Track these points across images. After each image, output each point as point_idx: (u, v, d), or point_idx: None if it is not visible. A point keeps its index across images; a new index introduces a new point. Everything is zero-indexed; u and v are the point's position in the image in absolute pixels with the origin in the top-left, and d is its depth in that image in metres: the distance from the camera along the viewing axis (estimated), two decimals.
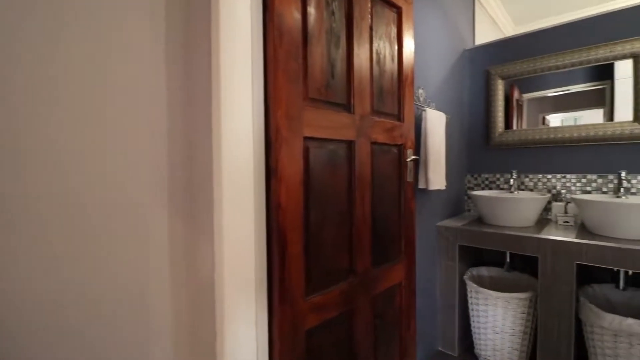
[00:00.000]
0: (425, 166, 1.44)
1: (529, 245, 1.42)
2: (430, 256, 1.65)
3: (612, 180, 1.59)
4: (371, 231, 1.06)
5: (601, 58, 1.60)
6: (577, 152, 1.70)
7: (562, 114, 1.82)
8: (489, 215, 1.64)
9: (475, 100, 2.05)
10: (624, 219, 1.30)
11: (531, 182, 1.83)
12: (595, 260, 1.27)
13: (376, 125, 1.09)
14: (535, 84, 1.88)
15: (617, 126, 1.57)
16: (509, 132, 1.91)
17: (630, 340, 1.22)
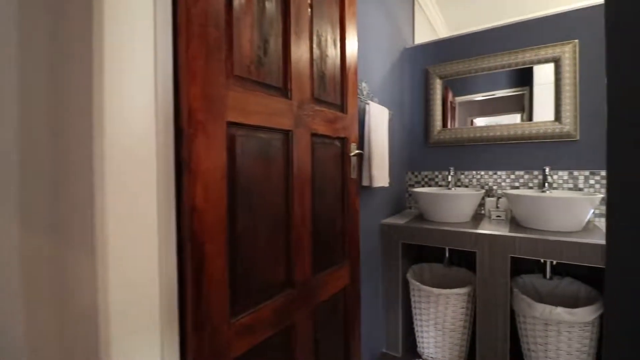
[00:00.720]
0: (369, 162, 1.37)
1: (468, 240, 1.43)
2: (374, 255, 1.60)
3: (537, 176, 1.71)
4: (312, 234, 0.94)
5: (527, 61, 1.71)
6: (506, 150, 1.79)
7: (487, 117, 1.92)
8: (430, 212, 1.64)
9: (415, 98, 2.07)
10: (548, 212, 1.37)
11: (466, 178, 1.90)
12: (528, 252, 1.32)
13: (317, 115, 0.97)
14: (465, 87, 1.95)
15: (540, 125, 1.68)
16: (446, 131, 1.95)
17: (559, 327, 1.29)
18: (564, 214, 1.35)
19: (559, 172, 1.65)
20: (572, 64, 1.59)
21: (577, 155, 1.62)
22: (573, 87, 1.60)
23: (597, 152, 1.58)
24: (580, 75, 1.60)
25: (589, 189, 1.60)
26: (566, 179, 1.64)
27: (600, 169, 1.57)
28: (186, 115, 0.60)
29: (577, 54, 1.59)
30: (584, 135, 1.60)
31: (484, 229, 1.44)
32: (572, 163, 1.63)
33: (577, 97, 1.60)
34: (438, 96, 1.97)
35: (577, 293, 1.47)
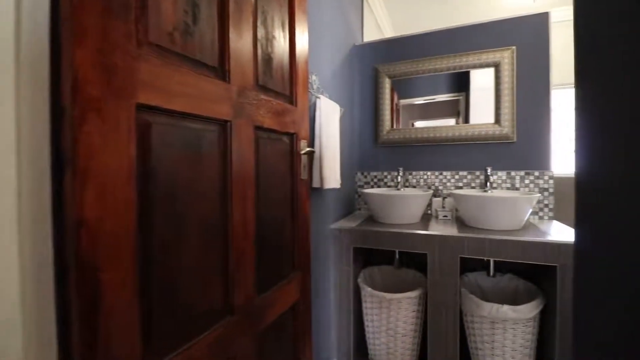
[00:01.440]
0: (320, 162, 1.26)
1: (419, 242, 1.40)
2: (324, 262, 1.49)
3: (479, 176, 1.76)
4: (256, 246, 0.79)
5: (470, 65, 1.75)
6: (451, 150, 1.82)
7: (426, 121, 1.95)
8: (381, 214, 1.59)
9: (364, 96, 2.02)
10: (492, 211, 1.40)
11: (414, 179, 1.90)
12: (476, 252, 1.32)
13: (262, 105, 0.82)
14: (408, 91, 1.96)
15: (482, 127, 1.74)
16: (395, 131, 1.93)
17: (505, 325, 1.31)
18: (507, 213, 1.39)
19: (498, 172, 1.73)
20: (511, 69, 1.67)
21: (514, 156, 1.71)
22: (511, 92, 1.68)
23: (531, 154, 1.67)
24: (517, 81, 1.68)
25: (524, 188, 1.69)
26: (504, 179, 1.72)
27: (534, 169, 1.67)
28: (69, 89, 0.42)
29: (515, 60, 1.67)
30: (520, 138, 1.69)
31: (433, 230, 1.42)
32: (509, 164, 1.71)
33: (514, 101, 1.68)
34: (387, 95, 1.94)
35: (517, 288, 1.53)
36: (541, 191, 1.66)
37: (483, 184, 1.73)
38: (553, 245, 1.22)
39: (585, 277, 0.43)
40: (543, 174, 1.66)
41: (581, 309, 0.43)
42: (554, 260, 1.23)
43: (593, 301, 0.41)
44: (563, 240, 1.22)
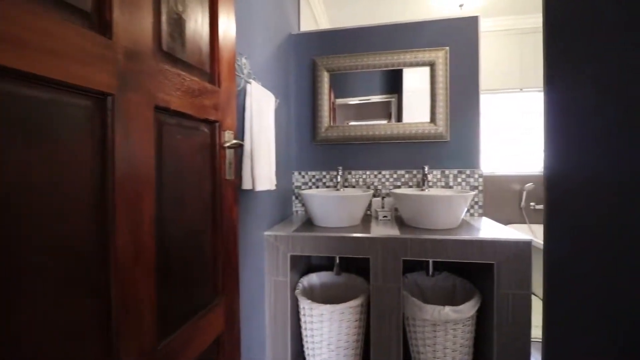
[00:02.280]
0: (251, 159, 1.06)
1: (361, 246, 1.30)
2: (256, 275, 1.30)
3: (416, 175, 1.75)
4: (157, 273, 0.57)
5: (407, 62, 1.73)
6: (389, 149, 1.78)
7: (360, 122, 1.90)
8: (320, 216, 1.46)
9: (301, 89, 1.87)
10: (432, 210, 1.37)
11: (353, 178, 1.81)
12: (418, 254, 1.27)
13: (168, 78, 0.60)
14: (344, 91, 1.88)
15: (419, 126, 1.72)
16: (333, 128, 1.83)
17: (446, 327, 1.28)
18: (445, 212, 1.37)
19: (433, 171, 1.74)
20: (445, 69, 1.69)
21: (448, 155, 1.73)
22: (445, 91, 1.69)
23: (463, 153, 1.71)
24: (450, 81, 1.71)
25: (457, 186, 1.72)
26: (439, 178, 1.74)
27: (465, 168, 1.71)
28: None
29: (448, 61, 1.69)
30: (453, 137, 1.72)
31: (375, 232, 1.34)
32: (444, 162, 1.73)
33: (448, 100, 1.70)
34: (326, 90, 1.82)
35: (454, 287, 1.54)
36: (472, 189, 1.71)
37: (420, 182, 1.73)
38: (490, 243, 1.23)
39: (554, 272, 0.44)
40: (474, 173, 1.71)
41: (552, 300, 0.45)
42: (490, 257, 1.23)
43: (563, 295, 0.43)
44: (499, 238, 1.23)
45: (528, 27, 2.87)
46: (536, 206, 2.89)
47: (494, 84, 2.90)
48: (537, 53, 2.89)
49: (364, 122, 1.84)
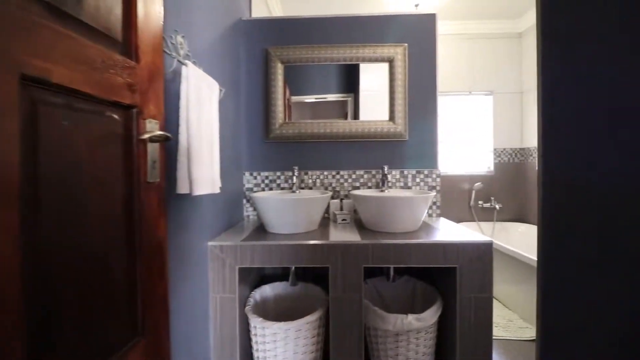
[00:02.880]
0: (188, 157, 0.88)
1: (320, 254, 1.18)
2: (200, 293, 1.11)
3: (375, 175, 1.67)
4: (31, 321, 0.39)
5: (367, 57, 1.65)
6: (347, 147, 1.69)
7: (316, 120, 1.79)
8: (274, 222, 1.30)
9: (253, 81, 1.70)
10: (393, 212, 1.29)
11: (310, 179, 1.69)
12: (381, 260, 1.18)
13: (49, 38, 0.42)
14: (300, 88, 1.75)
15: (378, 124, 1.65)
16: (289, 125, 1.68)
17: (409, 335, 1.21)
18: (407, 214, 1.30)
19: (392, 171, 1.67)
20: (403, 66, 1.63)
21: (407, 155, 1.68)
22: (404, 89, 1.64)
23: (421, 152, 1.68)
24: (408, 79, 1.66)
25: (415, 186, 1.68)
26: (398, 178, 1.68)
27: (423, 167, 1.67)
28: None
29: (407, 57, 1.64)
30: (412, 136, 1.67)
31: (335, 238, 1.23)
32: (403, 162, 1.68)
33: (406, 98, 1.65)
34: (280, 82, 1.67)
35: (414, 291, 1.49)
36: (430, 189, 1.68)
37: (380, 183, 1.65)
38: (453, 246, 1.18)
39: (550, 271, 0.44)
40: (432, 173, 1.68)
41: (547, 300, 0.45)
42: (453, 261, 1.18)
43: (558, 296, 0.44)
44: (462, 241, 1.18)
45: (477, 32, 2.98)
46: (484, 204, 3.01)
47: (443, 86, 2.97)
48: (485, 58, 3.02)
49: (319, 121, 1.72)
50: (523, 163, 3.02)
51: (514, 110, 3.04)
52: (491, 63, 3.02)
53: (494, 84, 3.03)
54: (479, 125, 3.09)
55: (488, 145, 3.08)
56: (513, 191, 3.04)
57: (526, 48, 2.94)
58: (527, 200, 2.98)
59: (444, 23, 2.91)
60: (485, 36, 3.00)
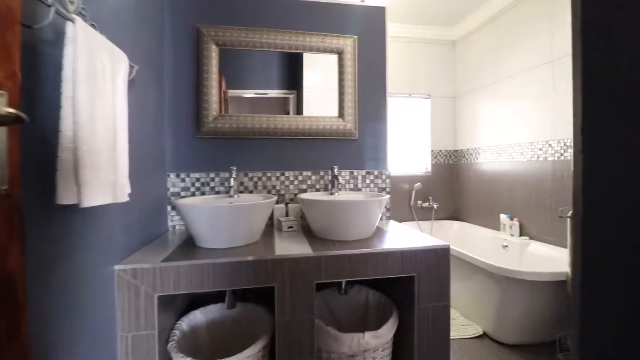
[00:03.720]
0: (74, 152, 0.61)
1: (264, 272, 0.98)
2: (100, 336, 0.83)
3: (324, 177, 1.53)
4: None
5: (314, 46, 1.49)
6: (293, 146, 1.51)
7: (258, 114, 1.60)
8: (206, 234, 1.07)
9: (182, 65, 1.42)
10: (346, 218, 1.16)
11: (251, 181, 1.47)
12: (336, 274, 1.03)
13: None
14: (239, 81, 1.54)
15: (327, 121, 1.51)
16: (225, 118, 1.44)
17: (365, 355, 1.08)
18: (362, 219, 1.18)
19: (342, 172, 1.55)
20: (353, 59, 1.52)
21: (357, 155, 1.57)
22: (353, 83, 1.53)
23: (372, 152, 1.58)
24: (358, 73, 1.55)
25: (365, 188, 1.58)
26: (348, 179, 1.56)
27: (374, 168, 1.58)
28: None
29: (357, 50, 1.53)
30: (362, 135, 1.57)
31: (281, 250, 1.04)
32: (353, 162, 1.57)
33: (356, 94, 1.54)
34: (214, 68, 1.43)
35: (367, 301, 1.37)
36: (380, 191, 1.59)
37: (329, 185, 1.51)
38: (411, 253, 1.08)
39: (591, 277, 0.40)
40: (382, 174, 1.59)
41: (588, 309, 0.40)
42: (412, 269, 1.09)
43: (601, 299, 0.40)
44: (419, 247, 1.09)
45: (416, 36, 3.06)
46: (422, 204, 3.10)
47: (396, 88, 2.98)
48: (424, 62, 3.10)
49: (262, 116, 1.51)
50: (457, 164, 3.18)
51: (448, 114, 3.19)
52: (429, 67, 3.12)
53: (431, 88, 3.13)
54: (418, 127, 3.18)
55: (426, 147, 3.19)
56: (448, 191, 3.19)
57: (459, 55, 3.10)
58: (460, 199, 3.14)
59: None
60: (424, 41, 3.09)
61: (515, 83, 2.40)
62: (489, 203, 2.73)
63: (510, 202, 2.47)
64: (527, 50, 2.28)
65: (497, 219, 2.60)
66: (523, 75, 2.33)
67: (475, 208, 2.92)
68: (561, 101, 2.02)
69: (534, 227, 2.26)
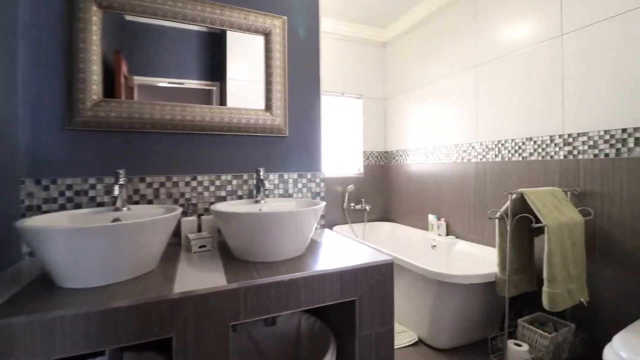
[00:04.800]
0: None
1: (156, 320, 0.70)
2: None
3: (248, 181, 1.28)
4: None
5: (235, 23, 1.23)
6: (208, 144, 1.23)
7: (160, 102, 1.28)
8: (70, 268, 0.74)
9: (45, 32, 1.02)
10: (275, 233, 0.94)
11: (150, 189, 1.14)
12: (259, 310, 0.80)
13: None
14: (147, 66, 1.20)
15: (251, 114, 1.26)
16: (111, 104, 1.09)
17: None
18: (295, 234, 0.97)
19: (270, 175, 1.32)
20: (282, 44, 1.30)
21: (287, 155, 1.36)
22: (283, 72, 1.31)
23: (304, 152, 1.38)
24: (288, 61, 1.34)
25: (297, 194, 1.37)
26: (277, 184, 1.34)
27: (306, 170, 1.39)
28: None
29: (286, 34, 1.31)
30: (293, 132, 1.36)
31: (185, 283, 0.77)
32: (282, 164, 1.35)
33: (286, 85, 1.32)
34: (94, 36, 1.06)
35: (299, 328, 1.17)
36: (314, 196, 1.40)
37: (254, 191, 1.27)
38: (351, 273, 0.91)
39: None
40: (316, 177, 1.41)
41: None
42: (352, 292, 0.91)
43: None
44: (361, 264, 0.92)
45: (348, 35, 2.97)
46: (355, 206, 3.03)
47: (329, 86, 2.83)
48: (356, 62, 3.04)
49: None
50: (387, 165, 3.19)
51: (380, 115, 3.19)
52: (361, 68, 3.08)
53: (363, 89, 3.09)
54: (351, 128, 3.11)
55: (359, 148, 3.13)
56: (380, 192, 3.18)
57: (390, 57, 3.12)
58: (390, 200, 3.16)
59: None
60: (355, 40, 3.02)
61: (441, 87, 2.46)
62: (418, 203, 2.78)
63: (438, 202, 2.53)
64: (452, 55, 2.34)
65: (426, 219, 2.64)
66: (448, 79, 2.39)
67: (406, 209, 2.95)
68: (483, 105, 2.10)
69: (459, 226, 2.33)
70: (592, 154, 1.51)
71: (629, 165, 1.38)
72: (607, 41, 1.44)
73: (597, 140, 1.49)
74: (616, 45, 1.41)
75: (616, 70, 1.41)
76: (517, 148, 1.87)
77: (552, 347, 1.38)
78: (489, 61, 2.05)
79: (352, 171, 3.11)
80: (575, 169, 1.58)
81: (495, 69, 2.00)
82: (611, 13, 1.42)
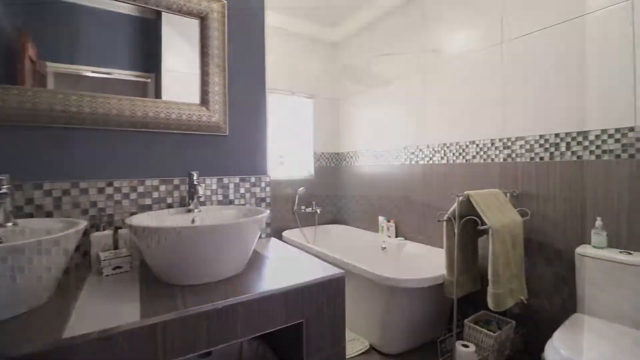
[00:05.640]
0: None
1: None
2: None
3: (179, 187, 1.10)
4: None
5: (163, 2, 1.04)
6: (130, 143, 1.03)
7: (67, 90, 1.07)
8: None
9: None
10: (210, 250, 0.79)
11: (49, 197, 0.92)
12: (185, 347, 0.65)
13: None
14: (68, 52, 0.98)
15: (184, 108, 1.09)
16: (10, 92, 0.85)
17: None
18: (233, 250, 0.83)
19: (207, 179, 1.16)
20: (221, 29, 1.15)
21: (227, 156, 1.20)
22: (222, 63, 1.15)
23: (247, 153, 1.24)
24: (228, 50, 1.19)
25: (239, 200, 1.23)
26: (215, 189, 1.18)
27: (249, 174, 1.25)
28: None
29: (226, 19, 1.16)
30: (233, 130, 1.21)
31: (84, 320, 0.60)
32: (222, 166, 1.19)
33: (226, 77, 1.17)
34: None
35: (240, 356, 1.03)
36: (259, 202, 1.27)
37: (186, 199, 1.09)
38: (297, 292, 0.80)
39: None
40: (260, 180, 1.27)
41: None
42: (298, 315, 0.80)
43: None
44: (308, 282, 0.82)
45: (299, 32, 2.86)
46: (306, 209, 2.94)
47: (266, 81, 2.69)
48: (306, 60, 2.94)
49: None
50: (338, 167, 3.15)
51: (332, 116, 3.13)
52: (312, 66, 2.99)
53: (314, 88, 3.00)
54: (301, 128, 3.01)
55: (309, 149, 3.04)
56: (331, 194, 3.13)
57: (341, 57, 3.08)
58: (342, 202, 3.12)
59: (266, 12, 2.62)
60: (307, 38, 2.93)
61: (391, 90, 2.47)
62: (368, 205, 2.77)
63: (388, 203, 2.53)
64: (401, 58, 2.36)
65: (377, 221, 2.64)
66: (397, 82, 2.41)
67: (357, 210, 2.93)
68: (430, 109, 2.14)
69: (407, 228, 2.35)
70: (529, 157, 1.59)
71: (561, 168, 1.47)
72: (542, 50, 1.52)
73: (533, 144, 1.57)
74: (551, 54, 1.49)
75: (551, 78, 1.49)
76: (462, 151, 1.92)
77: (497, 345, 1.42)
78: (434, 65, 2.09)
79: (302, 173, 3.01)
80: (514, 171, 1.65)
81: (441, 73, 2.04)
82: (547, 23, 1.50)
